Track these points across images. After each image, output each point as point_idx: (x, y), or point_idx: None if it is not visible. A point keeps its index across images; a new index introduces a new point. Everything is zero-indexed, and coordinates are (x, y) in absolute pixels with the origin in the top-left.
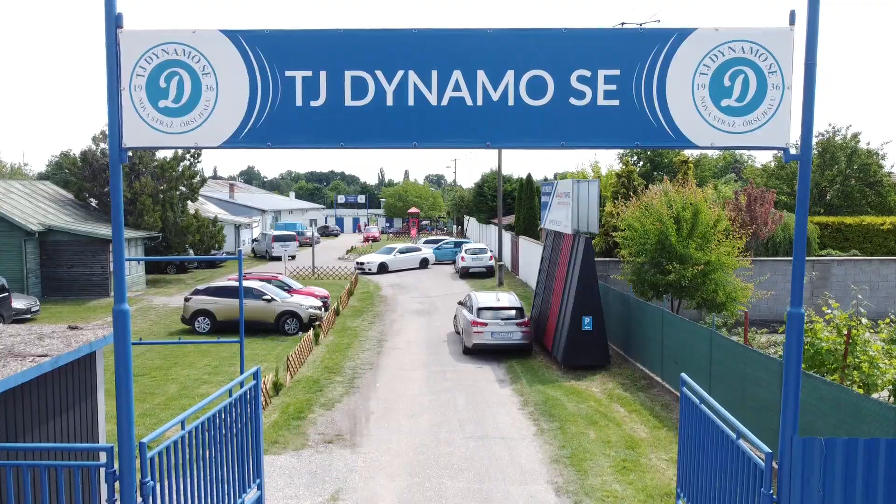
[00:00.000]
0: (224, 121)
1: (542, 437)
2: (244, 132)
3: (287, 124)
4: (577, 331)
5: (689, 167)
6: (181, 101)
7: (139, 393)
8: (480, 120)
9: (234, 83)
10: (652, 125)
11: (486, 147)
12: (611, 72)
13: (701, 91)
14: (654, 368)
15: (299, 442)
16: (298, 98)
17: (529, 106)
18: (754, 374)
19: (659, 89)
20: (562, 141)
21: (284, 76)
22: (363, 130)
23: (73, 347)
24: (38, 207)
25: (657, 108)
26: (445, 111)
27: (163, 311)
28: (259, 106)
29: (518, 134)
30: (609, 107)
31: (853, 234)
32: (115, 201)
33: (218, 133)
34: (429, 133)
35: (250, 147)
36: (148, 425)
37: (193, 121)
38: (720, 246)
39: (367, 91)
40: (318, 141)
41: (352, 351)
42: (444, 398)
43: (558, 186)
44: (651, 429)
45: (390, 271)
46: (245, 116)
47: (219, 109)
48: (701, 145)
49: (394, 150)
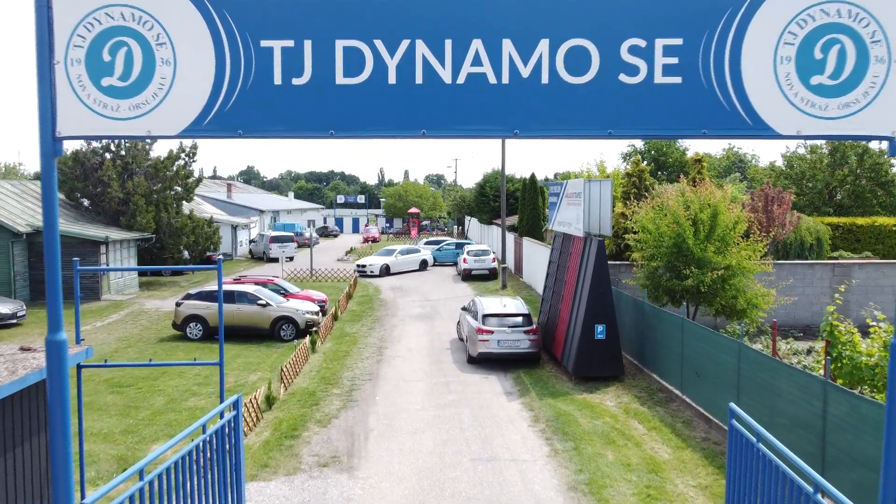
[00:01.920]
0: (183, 103)
1: (556, 459)
2: (209, 118)
3: (263, 108)
4: (589, 340)
5: (702, 166)
6: (130, 78)
7: (123, 406)
8: (506, 102)
9: (196, 56)
10: (723, 108)
11: (514, 136)
12: (671, 41)
13: (785, 66)
14: (672, 381)
15: (292, 465)
16: (277, 74)
17: (568, 84)
18: (788, 391)
19: (732, 63)
20: (609, 128)
21: (259, 47)
22: (359, 115)
23: (18, 375)
24: (26, 208)
25: (730, 86)
26: (462, 91)
27: (155, 316)
28: (227, 85)
29: (554, 119)
30: (669, 85)
31: (865, 235)
32: (48, 203)
33: (176, 119)
34: (441, 118)
35: (216, 136)
36: (129, 444)
37: (145, 103)
38: (741, 249)
39: (364, 66)
40: (301, 128)
41: (350, 359)
42: (448, 413)
43: (568, 186)
44: (674, 449)
45: (391, 274)
46: (210, 98)
47: (177, 89)
48: (785, 134)
49: (397, 139)
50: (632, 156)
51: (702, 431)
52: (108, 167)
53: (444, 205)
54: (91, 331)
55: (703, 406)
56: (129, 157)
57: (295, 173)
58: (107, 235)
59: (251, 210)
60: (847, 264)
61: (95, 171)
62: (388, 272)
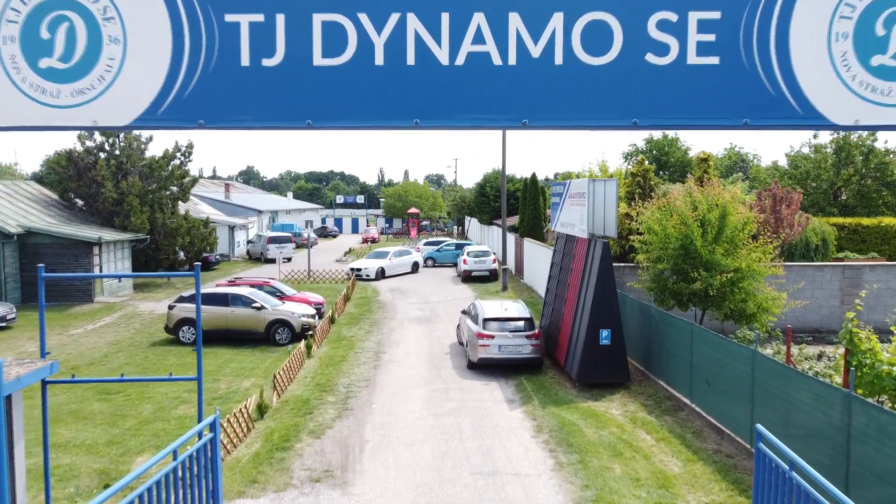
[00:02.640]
0: (135, 88)
1: (560, 474)
2: (165, 105)
3: (228, 93)
4: (593, 345)
5: (709, 165)
6: (72, 59)
7: (110, 414)
8: (513, 86)
9: (149, 33)
10: (767, 93)
11: (523, 126)
12: (707, 15)
13: (841, 43)
14: (680, 388)
15: (282, 480)
16: (244, 54)
17: (587, 66)
18: (808, 403)
19: (779, 41)
20: (633, 117)
21: (224, 22)
22: (340, 102)
23: None
24: (18, 208)
25: (776, 68)
26: (462, 74)
27: (148, 319)
28: (186, 66)
29: (569, 107)
30: (705, 66)
31: (871, 235)
32: None
33: (126, 106)
34: (437, 106)
35: (173, 126)
36: (113, 456)
37: (90, 88)
38: (750, 252)
39: (346, 44)
40: (273, 118)
41: (346, 365)
42: (447, 422)
43: (571, 186)
44: (684, 462)
45: (387, 276)
46: (166, 82)
47: (128, 72)
48: (840, 124)
49: (385, 130)
50: (634, 155)
51: (713, 443)
52: (102, 167)
53: (443, 205)
54: (82, 334)
55: (714, 416)
56: (123, 157)
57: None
58: (100, 236)
59: (249, 210)
60: (857, 266)
61: (89, 170)
62: (384, 275)
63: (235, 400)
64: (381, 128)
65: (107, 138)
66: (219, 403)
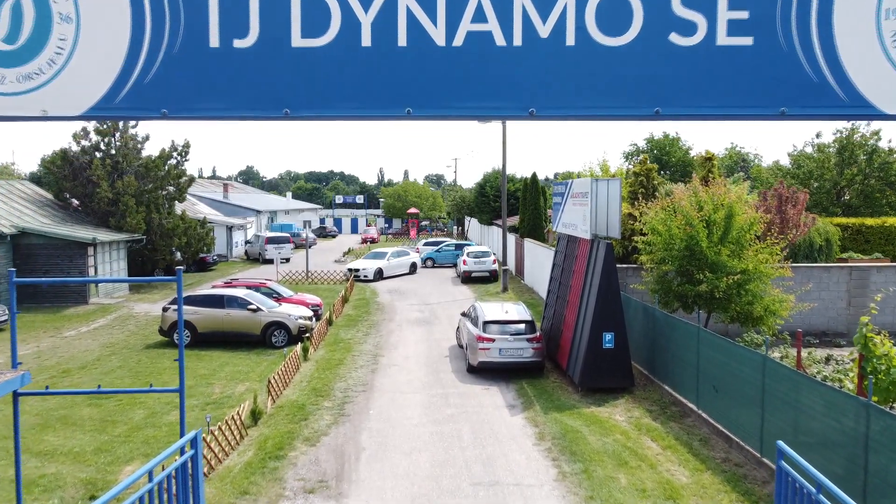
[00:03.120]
0: (90, 73)
1: (564, 484)
2: (123, 92)
3: (194, 78)
4: (596, 348)
5: (713, 164)
6: (19, 39)
7: (99, 420)
8: (518, 71)
9: (106, 9)
10: (808, 78)
11: (530, 116)
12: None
13: (892, 22)
14: (686, 394)
15: (274, 492)
16: (213, 34)
17: (602, 47)
18: (822, 412)
19: (821, 20)
20: (656, 106)
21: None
22: (322, 89)
23: None
24: (12, 208)
25: (817, 49)
26: (460, 56)
27: (143, 321)
28: (148, 48)
29: (582, 94)
30: (736, 47)
31: (874, 235)
32: None
33: (80, 94)
34: (432, 92)
35: (133, 115)
36: (101, 465)
37: (39, 73)
38: (757, 253)
39: (329, 22)
40: (245, 106)
41: (343, 368)
42: (446, 429)
43: (573, 186)
44: (692, 472)
45: (385, 277)
46: (125, 66)
47: (81, 54)
48: (891, 113)
49: (373, 120)
50: (635, 155)
51: (721, 451)
52: (98, 166)
53: (443, 205)
54: (76, 336)
55: (722, 423)
56: (119, 156)
57: (294, 173)
58: (94, 237)
59: (248, 210)
60: (864, 267)
61: (84, 170)
62: (382, 276)
63: (229, 405)
64: (369, 118)
65: (102, 137)
66: (212, 409)
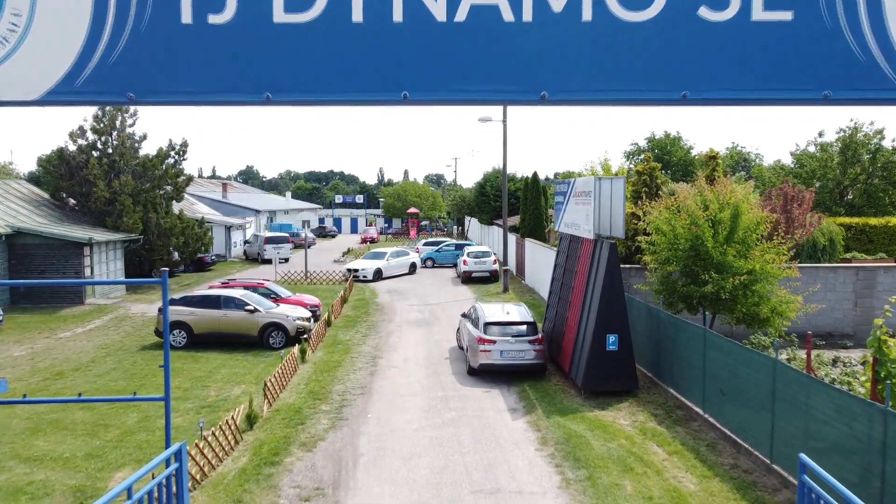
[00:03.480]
0: (47, 53)
1: (567, 492)
2: (85, 74)
3: (164, 59)
4: (600, 351)
5: (717, 163)
6: None
7: (92, 424)
8: (528, 50)
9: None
10: (854, 58)
11: (541, 101)
12: None
13: None
14: (692, 398)
15: (269, 500)
16: (185, 9)
17: (623, 23)
18: (836, 418)
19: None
20: (683, 89)
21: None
22: (307, 69)
23: None
24: (7, 208)
25: (865, 25)
26: (463, 33)
27: (139, 322)
28: (112, 26)
29: (600, 76)
30: (774, 23)
31: (878, 235)
32: None
33: (36, 76)
34: (432, 74)
35: (96, 100)
36: (91, 472)
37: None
38: (764, 253)
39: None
40: (222, 89)
41: (342, 370)
42: (447, 434)
43: (576, 185)
44: (700, 479)
45: (384, 278)
46: (86, 45)
47: (37, 32)
48: None
49: (365, 105)
50: (636, 154)
51: (729, 457)
52: (94, 165)
53: (443, 205)
54: (71, 337)
55: (730, 428)
56: (115, 156)
57: (294, 173)
58: (90, 237)
59: (247, 210)
60: (871, 268)
61: (81, 169)
62: (381, 276)
63: (225, 409)
64: (361, 102)
65: (99, 136)
66: (207, 412)
